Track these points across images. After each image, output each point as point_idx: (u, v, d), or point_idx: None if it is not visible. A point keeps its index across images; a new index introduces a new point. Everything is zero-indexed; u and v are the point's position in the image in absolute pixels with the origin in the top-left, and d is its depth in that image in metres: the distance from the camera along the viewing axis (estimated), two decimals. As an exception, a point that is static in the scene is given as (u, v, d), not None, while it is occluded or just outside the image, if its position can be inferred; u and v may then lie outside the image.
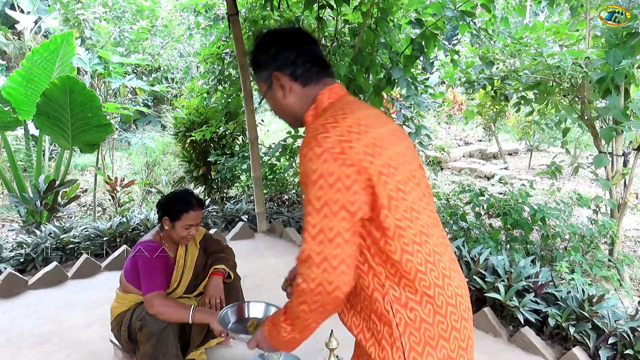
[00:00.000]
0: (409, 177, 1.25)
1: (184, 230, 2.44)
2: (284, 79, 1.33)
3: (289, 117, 1.41)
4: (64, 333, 3.13)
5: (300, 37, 1.37)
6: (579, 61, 3.79)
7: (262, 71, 1.38)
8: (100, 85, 7.13)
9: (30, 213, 5.38)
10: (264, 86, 1.39)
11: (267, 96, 1.40)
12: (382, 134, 1.23)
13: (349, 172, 1.12)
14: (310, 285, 1.13)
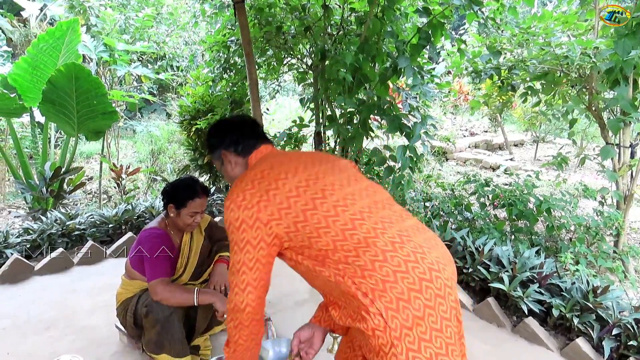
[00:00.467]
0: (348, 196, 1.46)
1: (189, 218, 2.44)
2: (230, 156, 1.72)
3: (228, 179, 1.78)
4: (69, 318, 3.16)
5: (241, 122, 1.76)
6: (588, 51, 3.75)
7: (214, 152, 1.77)
8: (105, 73, 7.13)
9: (36, 199, 5.41)
10: (219, 163, 1.78)
11: (222, 171, 1.79)
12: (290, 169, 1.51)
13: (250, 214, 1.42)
14: (229, 306, 1.50)
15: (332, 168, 1.56)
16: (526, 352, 2.81)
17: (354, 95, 4.22)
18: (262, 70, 5.85)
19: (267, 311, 3.06)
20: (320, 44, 4.63)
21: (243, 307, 1.46)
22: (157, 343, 2.38)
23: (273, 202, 1.41)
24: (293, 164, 1.52)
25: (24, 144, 6.67)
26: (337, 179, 1.50)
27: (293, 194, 1.41)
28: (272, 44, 5.14)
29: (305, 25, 4.56)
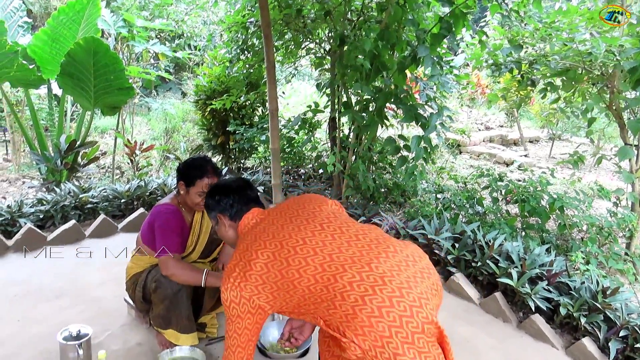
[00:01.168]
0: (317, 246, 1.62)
1: (198, 197, 2.44)
2: (224, 219, 1.91)
3: (232, 243, 1.95)
4: (79, 289, 3.21)
5: (238, 187, 1.94)
6: (612, 49, 3.68)
7: (210, 212, 1.96)
8: (123, 49, 7.13)
9: (50, 171, 5.46)
10: (214, 222, 1.97)
11: (218, 230, 1.97)
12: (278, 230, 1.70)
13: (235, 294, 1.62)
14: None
15: (306, 220, 1.72)
16: (531, 348, 2.80)
17: (371, 83, 4.18)
18: (280, 54, 5.82)
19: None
20: (339, 29, 4.60)
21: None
22: (165, 318, 2.41)
23: (250, 282, 1.60)
24: (269, 231, 1.70)
25: (40, 116, 6.73)
26: (307, 233, 1.66)
27: (264, 270, 1.60)
28: (291, 27, 5.10)
29: (326, 9, 4.51)
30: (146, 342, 2.62)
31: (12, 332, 2.71)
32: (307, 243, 1.61)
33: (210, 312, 2.71)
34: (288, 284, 1.55)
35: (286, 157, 6.25)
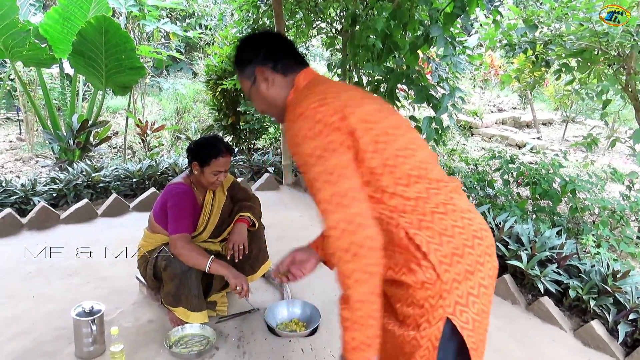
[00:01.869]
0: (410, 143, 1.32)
1: (213, 176, 2.46)
2: (267, 72, 1.44)
3: (273, 109, 1.49)
4: (92, 267, 3.25)
5: (277, 37, 1.52)
6: (630, 29, 3.60)
7: (245, 68, 1.48)
8: (134, 28, 7.12)
9: (63, 150, 5.52)
10: (248, 83, 1.48)
11: (252, 92, 1.49)
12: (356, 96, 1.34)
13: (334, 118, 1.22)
14: (332, 232, 1.15)
15: (389, 110, 1.38)
16: (538, 329, 2.81)
17: (382, 63, 4.14)
18: (291, 33, 5.77)
19: (284, 273, 3.10)
20: (351, 9, 4.54)
21: (354, 226, 1.13)
22: (175, 296, 2.44)
23: (356, 115, 1.23)
24: (358, 93, 1.36)
25: (52, 95, 6.77)
26: (397, 122, 1.34)
27: (369, 118, 1.25)
28: (302, 7, 5.05)
29: (338, -12, 4.46)
30: (157, 320, 2.66)
31: (27, 308, 2.76)
32: (404, 135, 1.32)
33: (221, 291, 2.74)
34: (378, 165, 1.23)
35: (297, 137, 6.24)
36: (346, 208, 1.14)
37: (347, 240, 1.12)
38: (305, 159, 1.21)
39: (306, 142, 1.21)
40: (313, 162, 1.19)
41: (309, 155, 1.20)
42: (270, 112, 1.52)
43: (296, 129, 1.24)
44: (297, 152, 1.24)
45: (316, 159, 1.19)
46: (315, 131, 1.20)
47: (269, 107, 1.49)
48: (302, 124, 1.22)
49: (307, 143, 1.20)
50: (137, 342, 2.45)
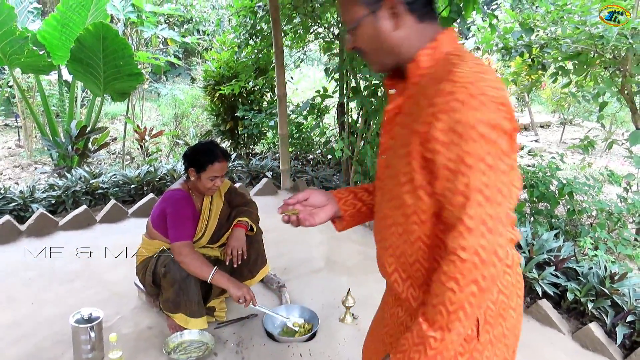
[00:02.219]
0: None
1: (210, 182, 2.47)
2: (399, 7, 1.06)
3: (386, 56, 1.12)
4: (91, 273, 3.26)
5: None
6: (625, 32, 3.62)
7: None
8: (132, 34, 7.14)
9: (61, 157, 5.52)
10: (364, 11, 1.08)
11: (363, 25, 1.09)
12: None
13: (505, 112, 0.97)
14: (464, 255, 0.96)
15: None
16: (537, 332, 2.82)
17: (379, 68, 4.16)
18: (288, 38, 5.79)
19: (282, 278, 3.12)
20: (348, 14, 4.56)
21: (496, 260, 0.97)
22: (174, 302, 2.45)
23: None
24: None
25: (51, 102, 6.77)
26: None
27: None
28: (300, 12, 5.07)
29: (334, -7, 4.48)
30: (156, 326, 2.67)
31: (27, 313, 2.77)
32: None
33: (219, 297, 2.75)
34: None
35: (294, 142, 6.26)
36: (496, 236, 0.96)
37: (484, 272, 0.96)
38: (468, 159, 0.95)
39: (480, 140, 0.94)
40: (481, 168, 0.95)
41: (478, 158, 0.95)
42: (377, 58, 1.14)
43: (468, 114, 0.94)
44: (454, 142, 0.96)
45: (486, 166, 0.95)
46: (495, 132, 0.95)
47: (379, 51, 1.12)
48: (477, 112, 0.94)
49: (481, 142, 0.94)
50: (136, 348, 2.45)
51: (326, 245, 3.75)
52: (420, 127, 1.00)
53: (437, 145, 0.97)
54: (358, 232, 4.01)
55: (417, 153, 1.02)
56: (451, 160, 0.97)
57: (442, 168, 0.98)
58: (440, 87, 0.98)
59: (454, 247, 0.97)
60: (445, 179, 0.98)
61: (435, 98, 0.98)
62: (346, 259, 3.54)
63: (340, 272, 3.35)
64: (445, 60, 1.05)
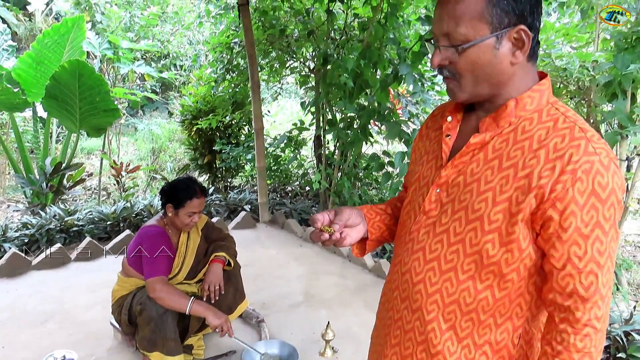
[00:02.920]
0: None
1: (187, 217, 2.48)
2: (528, 43, 0.96)
3: (487, 86, 1.01)
4: (65, 313, 3.19)
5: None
6: (586, 64, 3.78)
7: (503, 14, 0.94)
8: (109, 70, 7.16)
9: (35, 194, 5.44)
10: (487, 30, 0.95)
11: (480, 47, 0.96)
12: None
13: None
14: (599, 325, 0.94)
15: None
16: None
17: (354, 100, 4.25)
18: (265, 72, 5.88)
19: (261, 313, 3.10)
20: (322, 48, 4.67)
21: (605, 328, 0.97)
22: (150, 341, 2.40)
23: None
24: None
25: (25, 138, 6.69)
26: None
27: None
28: (275, 47, 5.18)
29: (309, 29, 4.60)
30: (133, 365, 2.61)
31: (-3, 359, 2.69)
32: None
33: (197, 334, 2.71)
34: None
35: (272, 175, 6.29)
36: (607, 306, 0.95)
37: (602, 340, 0.96)
38: (606, 225, 0.92)
39: (617, 206, 0.93)
40: (612, 234, 0.94)
41: (612, 224, 0.93)
42: (474, 86, 1.01)
43: (612, 179, 0.92)
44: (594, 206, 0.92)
45: (613, 231, 0.94)
46: (620, 197, 0.93)
47: (484, 79, 1.00)
48: (616, 177, 0.92)
49: (617, 208, 0.93)
50: (112, 390, 2.40)
51: (305, 279, 3.74)
52: (537, 180, 0.93)
53: (573, 206, 0.91)
54: (336, 264, 4.02)
55: (527, 206, 0.94)
56: (586, 225, 0.92)
57: (573, 231, 0.92)
58: (575, 142, 0.92)
59: (589, 319, 0.93)
60: (573, 243, 0.93)
61: (569, 153, 0.92)
62: (324, 292, 3.54)
63: (319, 305, 3.34)
64: (554, 110, 0.99)
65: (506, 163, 0.98)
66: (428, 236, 1.09)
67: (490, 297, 1.02)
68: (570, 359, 0.94)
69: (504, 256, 0.98)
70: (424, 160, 1.16)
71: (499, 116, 1.01)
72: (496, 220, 0.98)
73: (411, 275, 1.11)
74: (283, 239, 4.65)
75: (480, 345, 1.05)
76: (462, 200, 1.03)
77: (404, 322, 1.14)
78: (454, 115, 1.11)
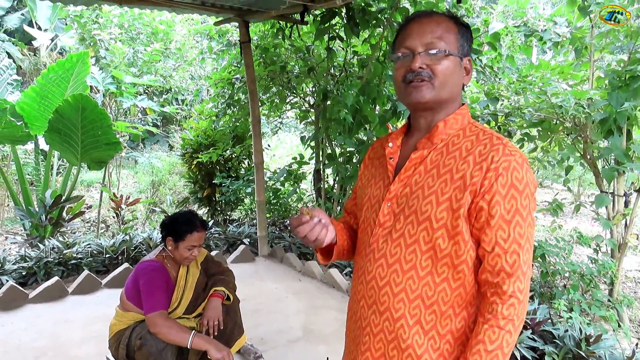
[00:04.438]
0: None
1: (187, 251, 2.48)
2: (471, 71, 1.30)
3: (447, 95, 1.25)
4: (60, 348, 3.14)
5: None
6: (582, 102, 3.85)
7: (464, 44, 1.26)
8: (111, 104, 7.26)
9: (34, 227, 5.43)
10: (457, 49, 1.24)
11: (453, 59, 1.23)
12: None
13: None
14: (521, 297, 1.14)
15: None
16: (518, 399, 2.79)
17: (353, 135, 4.31)
18: (266, 107, 5.97)
19: (259, 348, 3.07)
20: (322, 85, 4.76)
21: (526, 301, 1.17)
22: (148, 376, 2.37)
23: None
24: None
25: (26, 171, 6.73)
26: None
27: None
28: (276, 82, 5.27)
29: (309, 65, 4.69)
30: (128, 402, 2.56)
31: (-11, 395, 2.64)
32: None
33: (195, 369, 2.67)
34: None
35: (272, 208, 6.30)
36: (528, 280, 1.16)
37: (524, 311, 1.15)
38: (523, 212, 1.15)
39: (531, 197, 1.16)
40: (529, 220, 1.16)
41: (528, 212, 1.15)
42: (441, 90, 1.23)
43: (525, 175, 1.15)
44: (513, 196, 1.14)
45: (531, 219, 1.16)
46: (533, 190, 1.17)
47: (448, 88, 1.24)
48: (529, 173, 1.16)
49: (531, 199, 1.16)
50: None
51: (303, 314, 3.71)
52: (470, 179, 1.15)
53: (497, 197, 1.14)
54: (336, 298, 3.99)
55: (465, 202, 1.15)
56: (508, 212, 1.14)
57: (498, 218, 1.14)
58: (494, 147, 1.16)
59: (513, 291, 1.13)
60: (499, 227, 1.14)
61: (490, 156, 1.15)
62: (323, 327, 3.50)
63: (318, 340, 3.31)
64: (474, 127, 1.25)
65: (443, 170, 1.20)
66: (387, 244, 1.25)
67: (448, 288, 1.19)
68: (497, 324, 1.12)
69: (453, 248, 1.17)
70: (372, 183, 1.36)
71: (432, 135, 1.25)
72: (442, 218, 1.17)
73: (376, 281, 1.25)
74: (282, 272, 4.62)
75: (443, 335, 1.20)
76: (411, 206, 1.22)
77: (372, 326, 1.27)
78: (394, 141, 1.33)
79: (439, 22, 1.24)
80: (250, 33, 4.63)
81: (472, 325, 1.21)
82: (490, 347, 1.12)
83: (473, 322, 1.21)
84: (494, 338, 1.12)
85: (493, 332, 1.12)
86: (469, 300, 1.20)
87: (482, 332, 1.13)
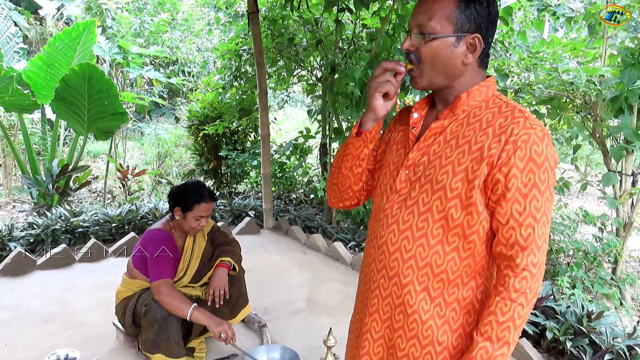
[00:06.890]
0: None
1: (195, 221, 2.50)
2: (479, 49, 1.19)
3: (442, 78, 1.21)
4: (68, 314, 3.20)
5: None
6: (593, 79, 3.80)
7: (466, 21, 1.16)
8: (118, 75, 7.22)
9: (41, 195, 5.47)
10: (451, 29, 1.16)
11: (442, 42, 1.17)
12: None
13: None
14: (534, 270, 1.13)
15: None
16: (518, 372, 2.83)
17: (361, 110, 4.27)
18: (272, 80, 5.92)
19: (263, 318, 3.11)
20: (330, 58, 4.71)
21: (541, 275, 1.16)
22: (154, 342, 2.41)
23: None
24: None
25: (33, 140, 6.75)
26: None
27: None
28: (284, 55, 5.22)
29: (317, 38, 4.64)
30: (135, 367, 2.62)
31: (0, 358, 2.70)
32: None
33: (199, 337, 2.72)
34: None
35: (277, 182, 6.31)
36: (543, 255, 1.15)
37: (538, 285, 1.15)
38: (541, 186, 1.12)
39: (550, 171, 1.13)
40: (547, 195, 1.13)
41: (546, 186, 1.13)
42: (432, 75, 1.21)
43: (545, 149, 1.12)
44: (531, 170, 1.11)
45: (550, 194, 1.14)
46: (553, 165, 1.14)
47: (441, 71, 1.20)
48: (549, 148, 1.13)
49: (550, 173, 1.13)
50: (113, 390, 2.40)
51: (307, 286, 3.75)
52: (488, 151, 1.13)
53: (514, 170, 1.12)
54: (340, 271, 4.02)
55: (481, 173, 1.14)
56: (525, 185, 1.12)
57: (514, 190, 1.12)
58: (515, 120, 1.13)
59: (526, 264, 1.12)
60: (515, 201, 1.12)
61: (510, 128, 1.12)
62: (327, 299, 3.54)
63: (321, 312, 3.35)
64: (497, 99, 1.22)
65: (462, 141, 1.19)
66: (400, 210, 1.26)
67: (457, 258, 1.20)
68: (509, 297, 1.13)
69: (465, 219, 1.17)
70: (393, 149, 1.36)
71: (454, 106, 1.23)
72: (457, 188, 1.16)
73: (387, 246, 1.27)
74: (286, 245, 4.66)
75: (449, 302, 1.22)
76: (427, 175, 1.21)
77: (381, 289, 1.30)
78: (419, 111, 1.31)
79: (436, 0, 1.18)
80: (258, 4, 4.56)
81: (479, 295, 1.23)
82: (502, 318, 1.13)
83: (481, 292, 1.23)
84: (505, 310, 1.13)
85: (505, 304, 1.13)
86: (478, 270, 1.22)
87: (494, 304, 1.15)
